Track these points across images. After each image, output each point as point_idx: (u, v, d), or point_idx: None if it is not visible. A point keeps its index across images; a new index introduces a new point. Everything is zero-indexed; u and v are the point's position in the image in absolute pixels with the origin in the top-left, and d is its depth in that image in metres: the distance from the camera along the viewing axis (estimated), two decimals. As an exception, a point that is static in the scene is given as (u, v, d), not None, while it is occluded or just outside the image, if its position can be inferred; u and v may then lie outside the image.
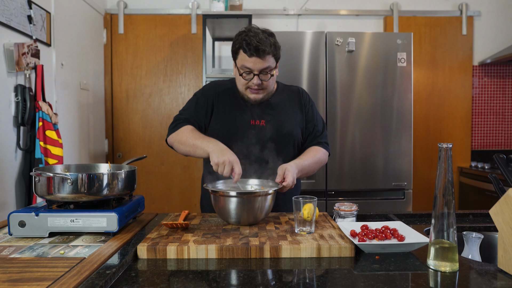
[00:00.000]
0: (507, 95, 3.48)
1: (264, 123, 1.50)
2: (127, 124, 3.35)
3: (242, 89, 1.49)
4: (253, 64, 1.39)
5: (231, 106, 1.53)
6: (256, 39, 1.36)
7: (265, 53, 1.38)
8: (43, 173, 1.09)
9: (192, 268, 0.91)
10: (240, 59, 1.43)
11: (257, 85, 1.43)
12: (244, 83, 1.46)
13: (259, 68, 1.40)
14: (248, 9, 3.18)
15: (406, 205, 2.64)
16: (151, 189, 3.35)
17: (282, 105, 1.55)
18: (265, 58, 1.39)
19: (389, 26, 3.35)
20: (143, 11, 3.30)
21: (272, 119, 1.51)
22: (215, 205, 1.23)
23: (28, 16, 2.14)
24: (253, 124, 1.50)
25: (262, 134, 1.49)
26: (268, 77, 1.44)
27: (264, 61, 1.39)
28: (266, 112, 1.52)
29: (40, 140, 2.06)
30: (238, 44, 1.42)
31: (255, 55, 1.37)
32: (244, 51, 1.39)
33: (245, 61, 1.40)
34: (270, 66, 1.42)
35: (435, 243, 0.90)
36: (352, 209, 1.23)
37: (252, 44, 1.36)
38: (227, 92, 1.57)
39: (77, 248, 0.99)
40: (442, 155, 0.89)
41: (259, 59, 1.38)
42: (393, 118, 2.61)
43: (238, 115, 1.51)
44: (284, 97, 1.58)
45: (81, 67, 2.85)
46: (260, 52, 1.37)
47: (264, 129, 1.50)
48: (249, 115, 1.51)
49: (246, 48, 1.37)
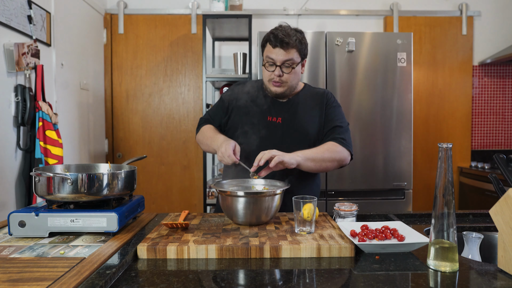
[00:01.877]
0: (507, 95, 3.48)
1: (280, 120, 1.53)
2: (127, 124, 3.35)
3: (266, 82, 1.53)
4: (276, 55, 1.44)
5: (252, 102, 1.57)
6: (283, 32, 1.43)
7: (289, 45, 1.42)
8: (43, 173, 1.09)
9: (192, 268, 0.91)
10: (266, 51, 1.48)
11: (278, 76, 1.46)
12: (267, 74, 1.49)
13: (282, 59, 1.44)
14: (248, 9, 3.18)
15: (406, 205, 2.64)
16: (151, 189, 3.35)
17: (302, 105, 1.56)
18: (288, 50, 1.43)
19: (389, 26, 3.35)
20: (143, 11, 3.30)
21: (288, 117, 1.53)
22: (223, 204, 1.23)
23: (28, 16, 2.14)
24: (270, 121, 1.53)
25: (277, 131, 1.52)
26: (289, 70, 1.46)
27: (287, 53, 1.43)
28: (284, 109, 1.55)
29: (40, 140, 2.06)
30: (266, 37, 1.48)
31: (279, 46, 1.42)
32: (269, 43, 1.45)
33: (269, 52, 1.45)
34: (293, 59, 1.45)
35: (435, 243, 0.90)
36: (352, 209, 1.23)
37: (278, 36, 1.42)
38: (251, 90, 1.61)
39: (77, 248, 0.99)
40: (442, 155, 0.89)
41: (282, 50, 1.43)
42: (393, 118, 2.61)
43: (256, 111, 1.55)
44: (307, 97, 1.58)
45: (81, 67, 2.85)
46: (284, 44, 1.42)
47: (280, 126, 1.52)
48: (267, 112, 1.54)
49: (272, 39, 1.43)
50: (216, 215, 1.36)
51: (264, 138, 1.51)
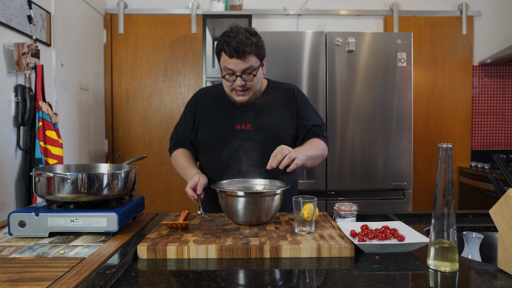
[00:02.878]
0: (507, 95, 3.48)
1: (250, 127, 1.47)
2: (127, 124, 3.35)
3: (228, 91, 1.47)
4: (234, 65, 1.37)
5: (218, 112, 1.52)
6: (236, 40, 1.34)
7: (246, 53, 1.35)
8: (43, 173, 1.09)
9: (192, 268, 0.91)
10: (223, 61, 1.41)
11: (241, 86, 1.40)
12: (228, 85, 1.44)
13: (241, 69, 1.37)
14: (248, 9, 3.18)
15: (406, 205, 2.64)
16: (151, 189, 3.34)
17: (270, 107, 1.51)
18: (246, 58, 1.36)
19: (389, 26, 3.35)
20: (143, 11, 3.30)
21: (257, 123, 1.48)
22: (223, 204, 1.23)
23: (28, 16, 2.14)
24: (239, 129, 1.47)
25: (247, 138, 1.46)
26: (251, 78, 1.41)
27: (245, 62, 1.36)
28: (252, 116, 1.49)
29: (40, 140, 2.06)
30: (219, 46, 1.39)
31: (236, 56, 1.35)
32: (225, 53, 1.37)
33: (227, 63, 1.38)
34: (253, 66, 1.39)
35: (435, 243, 0.90)
36: (352, 209, 1.23)
37: (232, 45, 1.33)
38: (215, 98, 1.56)
39: (77, 248, 0.99)
40: (442, 155, 0.89)
41: (240, 60, 1.35)
42: (393, 118, 2.61)
43: (224, 121, 1.50)
44: (273, 97, 1.53)
45: (81, 67, 2.85)
46: (240, 53, 1.34)
47: (250, 133, 1.47)
48: (235, 120, 1.49)
49: (226, 49, 1.35)
50: (216, 215, 1.36)
51: (235, 149, 1.46)
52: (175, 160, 1.59)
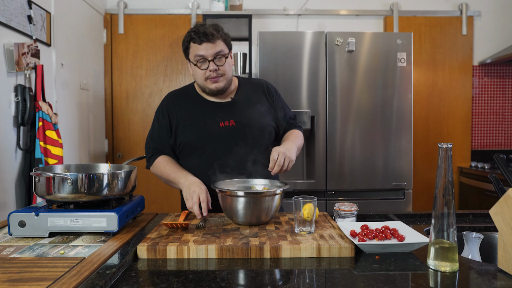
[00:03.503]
0: (507, 95, 3.48)
1: (233, 122, 1.48)
2: (127, 124, 3.35)
3: (202, 82, 1.46)
4: (205, 51, 1.40)
5: (196, 111, 1.51)
6: (203, 28, 1.41)
7: (214, 37, 1.40)
8: (43, 173, 1.09)
9: (192, 268, 0.91)
10: (193, 51, 1.44)
11: (214, 71, 1.42)
12: (202, 74, 1.44)
13: (212, 53, 1.41)
14: (248, 9, 3.18)
15: (406, 205, 2.64)
16: (151, 189, 3.34)
17: (247, 102, 1.53)
18: (216, 42, 1.41)
19: (389, 26, 3.35)
20: (143, 11, 3.30)
21: (240, 118, 1.49)
22: (223, 204, 1.23)
23: (28, 16, 2.14)
24: (223, 126, 1.47)
25: (233, 134, 1.47)
26: (223, 62, 1.44)
27: (215, 46, 1.41)
28: (233, 111, 1.50)
29: (40, 140, 2.06)
30: (187, 38, 1.44)
31: (205, 41, 1.39)
32: (194, 41, 1.41)
33: (197, 50, 1.41)
34: (223, 51, 1.43)
35: (435, 243, 0.90)
36: (352, 209, 1.23)
37: (200, 32, 1.39)
38: (187, 98, 1.55)
39: (77, 248, 0.99)
40: (442, 155, 0.89)
41: (210, 43, 1.40)
42: (393, 118, 2.61)
43: (205, 120, 1.49)
44: (248, 92, 1.56)
45: (81, 67, 2.85)
46: (209, 37, 1.39)
47: (234, 129, 1.47)
48: (216, 117, 1.48)
49: (195, 37, 1.40)
50: (216, 215, 1.36)
51: (222, 146, 1.46)
52: (159, 168, 1.51)
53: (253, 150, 1.46)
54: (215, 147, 1.46)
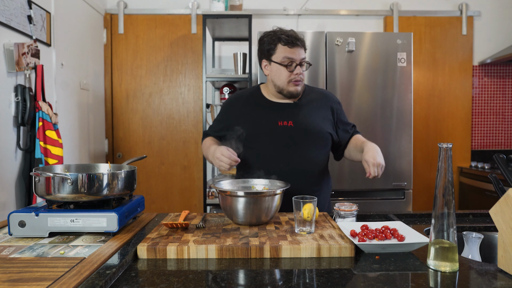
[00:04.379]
0: (507, 95, 3.48)
1: (292, 123, 1.53)
2: (127, 124, 3.35)
3: (284, 84, 1.52)
4: (295, 54, 1.48)
5: (257, 110, 1.58)
6: (292, 31, 1.49)
7: (303, 43, 1.50)
8: (43, 173, 1.09)
9: (192, 268, 0.91)
10: (280, 52, 1.49)
11: (299, 74, 1.50)
12: (287, 76, 1.50)
13: (300, 58, 1.49)
14: (248, 9, 3.17)
15: (406, 205, 2.63)
16: (151, 189, 3.34)
17: (310, 106, 1.59)
18: (303, 49, 1.51)
19: (389, 26, 3.35)
20: (143, 11, 3.30)
21: (299, 120, 1.54)
22: (223, 204, 1.23)
23: (28, 16, 2.14)
24: (281, 125, 1.53)
25: (290, 134, 1.52)
26: (305, 68, 1.52)
27: (302, 52, 1.50)
28: (294, 113, 1.55)
29: (40, 140, 2.06)
30: (275, 40, 1.49)
31: (297, 45, 1.47)
32: (284, 44, 1.48)
33: (288, 52, 1.48)
34: (305, 58, 1.52)
35: (435, 243, 0.90)
36: (352, 209, 1.23)
37: (292, 36, 1.47)
38: (251, 98, 1.62)
39: (77, 248, 0.99)
40: (442, 155, 0.89)
41: (300, 49, 1.49)
42: (393, 118, 2.60)
43: (265, 118, 1.55)
44: (310, 99, 1.61)
45: (81, 67, 2.85)
46: (300, 42, 1.48)
47: (292, 129, 1.52)
48: (276, 117, 1.54)
49: (286, 40, 1.47)
50: (216, 215, 1.36)
51: (277, 144, 1.52)
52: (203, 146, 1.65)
53: (305, 151, 1.53)
54: (268, 144, 1.52)
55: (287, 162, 1.51)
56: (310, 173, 1.53)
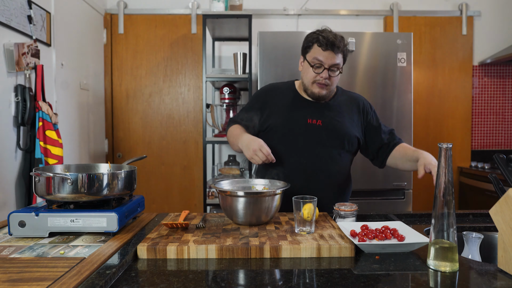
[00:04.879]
0: (507, 95, 3.48)
1: (320, 122, 1.54)
2: (127, 124, 3.35)
3: (309, 83, 1.53)
4: (325, 58, 1.46)
5: (289, 105, 1.58)
6: (332, 35, 1.47)
7: (339, 49, 1.47)
8: (43, 173, 1.09)
9: (192, 268, 0.91)
10: (313, 52, 1.49)
11: (326, 78, 1.48)
12: (312, 76, 1.50)
13: (330, 63, 1.47)
14: (248, 9, 3.17)
15: (406, 205, 2.63)
16: (151, 189, 3.34)
17: (341, 108, 1.59)
18: (337, 54, 1.47)
19: (389, 26, 3.35)
20: (143, 11, 3.30)
21: (329, 120, 1.55)
22: (223, 204, 1.23)
23: (28, 16, 2.14)
24: (310, 123, 1.54)
25: (318, 133, 1.53)
26: (336, 73, 1.50)
27: (336, 57, 1.47)
28: (324, 112, 1.56)
29: (40, 140, 2.06)
30: (313, 39, 1.49)
31: (330, 49, 1.45)
32: (319, 45, 1.47)
33: (318, 54, 1.47)
34: (339, 64, 1.49)
35: (435, 243, 0.90)
36: (352, 209, 1.23)
37: (329, 39, 1.45)
38: (285, 92, 1.63)
39: (77, 248, 0.99)
40: (442, 155, 0.89)
41: (333, 53, 1.46)
42: (393, 118, 2.60)
43: (295, 114, 1.56)
44: (344, 101, 1.62)
45: (81, 67, 2.85)
46: (335, 48, 1.45)
47: (320, 128, 1.53)
48: (306, 114, 1.55)
49: (322, 41, 1.45)
50: (216, 215, 1.36)
51: (305, 141, 1.53)
52: (231, 132, 1.61)
53: (331, 151, 1.54)
54: (296, 141, 1.52)
55: (312, 160, 1.52)
56: (333, 174, 1.56)
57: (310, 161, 1.52)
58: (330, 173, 1.55)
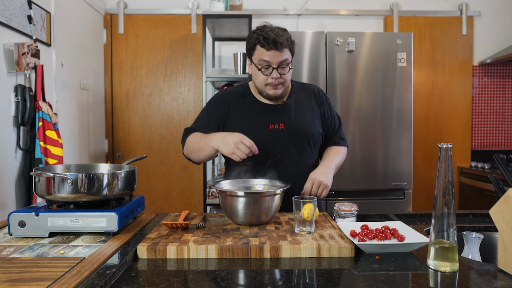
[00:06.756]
0: (507, 95, 3.48)
1: (283, 126, 1.50)
2: (127, 124, 3.35)
3: (261, 86, 1.47)
4: (271, 58, 1.40)
5: (248, 111, 1.52)
6: (273, 33, 1.38)
7: (283, 46, 1.39)
8: (43, 173, 1.09)
9: (192, 268, 0.91)
10: (258, 54, 1.43)
11: (277, 79, 1.43)
12: (263, 79, 1.45)
13: (278, 61, 1.41)
14: (248, 9, 3.18)
15: (406, 205, 2.64)
16: (151, 189, 3.35)
17: (300, 106, 1.54)
18: (283, 51, 1.40)
19: (389, 26, 3.35)
20: (143, 11, 3.30)
21: (290, 122, 1.50)
22: (223, 204, 1.23)
23: (28, 16, 2.14)
24: (272, 129, 1.49)
25: (282, 138, 1.49)
26: (286, 71, 1.44)
27: (282, 54, 1.40)
28: (284, 115, 1.51)
29: (40, 140, 2.06)
30: (254, 40, 1.42)
31: (273, 48, 1.38)
32: (261, 46, 1.40)
33: (264, 55, 1.41)
34: (288, 59, 1.43)
35: (435, 243, 0.90)
36: (352, 209, 1.23)
37: (270, 38, 1.37)
38: (241, 97, 1.55)
39: (77, 248, 0.99)
40: (442, 155, 0.89)
41: (278, 51, 1.39)
42: (393, 118, 2.61)
43: (256, 120, 1.50)
44: (300, 97, 1.57)
45: (81, 67, 2.85)
46: (278, 45, 1.38)
47: (284, 132, 1.49)
48: (267, 119, 1.50)
49: (264, 42, 1.38)
50: (216, 215, 1.36)
51: (269, 148, 1.47)
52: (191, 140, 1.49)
53: (299, 154, 1.50)
54: (261, 148, 1.45)
55: (280, 167, 1.47)
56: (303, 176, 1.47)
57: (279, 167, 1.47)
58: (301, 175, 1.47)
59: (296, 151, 1.49)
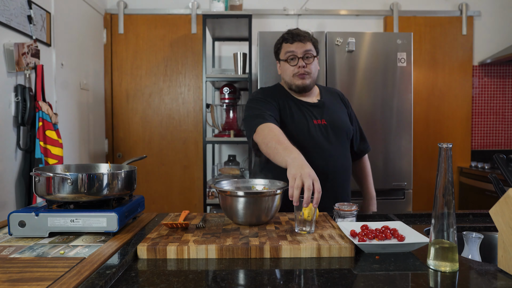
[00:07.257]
0: (507, 95, 3.48)
1: (324, 121, 1.59)
2: (127, 124, 3.35)
3: (290, 78, 1.58)
4: (295, 48, 1.55)
5: (292, 106, 1.60)
6: (296, 30, 1.58)
7: (306, 38, 1.56)
8: (43, 173, 1.09)
9: (192, 268, 0.91)
10: (284, 49, 1.59)
11: (303, 67, 1.54)
12: (291, 70, 1.57)
13: (302, 51, 1.55)
14: (248, 9, 3.17)
15: (406, 205, 2.63)
16: (151, 189, 3.35)
17: (333, 104, 1.66)
18: (306, 43, 1.56)
19: (389, 26, 3.35)
20: (143, 11, 3.30)
21: (330, 117, 1.60)
22: (223, 204, 1.23)
23: (28, 16, 2.14)
24: (316, 124, 1.57)
25: (325, 132, 1.57)
26: (311, 61, 1.56)
27: (305, 45, 1.55)
28: (323, 111, 1.61)
29: (40, 140, 2.06)
30: (279, 40, 1.61)
31: (297, 40, 1.55)
32: (286, 42, 1.58)
33: (288, 47, 1.56)
34: (312, 50, 1.57)
35: (435, 243, 0.90)
36: (352, 209, 1.23)
37: (293, 33, 1.57)
38: (280, 94, 1.64)
39: (77, 248, 0.99)
40: (442, 155, 0.89)
41: (301, 43, 1.55)
42: (393, 118, 2.60)
43: (302, 116, 1.58)
44: (331, 98, 1.69)
45: (81, 67, 2.85)
46: (301, 37, 1.55)
47: (326, 127, 1.58)
48: (311, 115, 1.59)
49: (287, 37, 1.57)
50: (216, 215, 1.36)
51: (317, 143, 1.55)
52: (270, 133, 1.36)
53: (339, 148, 1.60)
54: (310, 142, 1.54)
55: (330, 159, 1.55)
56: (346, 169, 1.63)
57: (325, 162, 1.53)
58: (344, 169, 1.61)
59: (340, 145, 1.59)
